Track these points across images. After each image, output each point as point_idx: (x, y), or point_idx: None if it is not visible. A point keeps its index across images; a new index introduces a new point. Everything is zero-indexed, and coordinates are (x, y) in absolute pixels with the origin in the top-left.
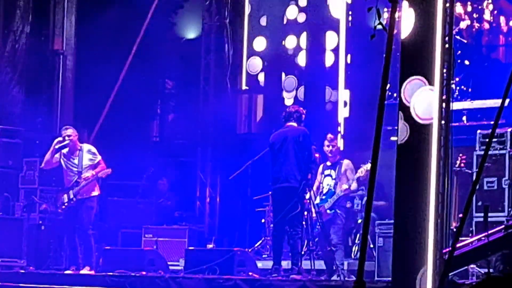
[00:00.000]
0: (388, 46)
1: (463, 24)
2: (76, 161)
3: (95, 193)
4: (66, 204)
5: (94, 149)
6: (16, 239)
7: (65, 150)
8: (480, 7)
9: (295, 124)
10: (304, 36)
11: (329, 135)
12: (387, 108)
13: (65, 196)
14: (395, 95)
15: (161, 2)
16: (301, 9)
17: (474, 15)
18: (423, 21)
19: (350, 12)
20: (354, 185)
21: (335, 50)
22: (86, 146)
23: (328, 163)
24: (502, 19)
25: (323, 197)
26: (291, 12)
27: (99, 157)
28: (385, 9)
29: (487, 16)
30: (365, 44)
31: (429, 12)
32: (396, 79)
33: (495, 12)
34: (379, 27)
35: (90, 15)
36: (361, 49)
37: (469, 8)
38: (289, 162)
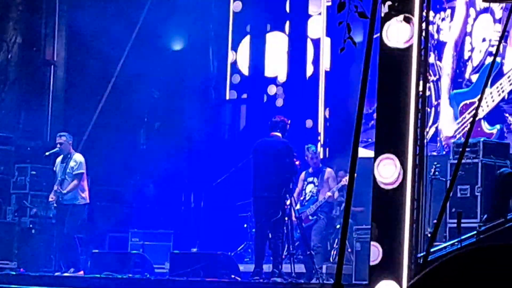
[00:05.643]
0: (367, 58)
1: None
2: (63, 167)
3: (80, 201)
4: (54, 205)
5: (81, 160)
6: (7, 242)
7: (59, 157)
8: None
9: (279, 135)
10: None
11: (312, 148)
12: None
13: (52, 197)
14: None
15: (149, 14)
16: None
17: None
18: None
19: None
20: (336, 194)
21: (315, 62)
22: (76, 156)
23: (311, 170)
24: None
25: (305, 203)
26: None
27: (82, 170)
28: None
29: None
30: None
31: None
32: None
33: None
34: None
35: (81, 27)
36: (339, 60)
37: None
38: (270, 172)
